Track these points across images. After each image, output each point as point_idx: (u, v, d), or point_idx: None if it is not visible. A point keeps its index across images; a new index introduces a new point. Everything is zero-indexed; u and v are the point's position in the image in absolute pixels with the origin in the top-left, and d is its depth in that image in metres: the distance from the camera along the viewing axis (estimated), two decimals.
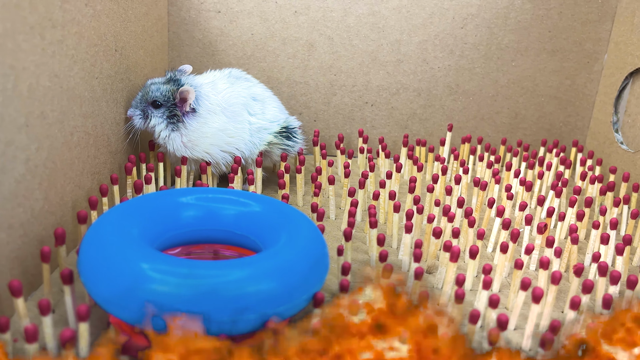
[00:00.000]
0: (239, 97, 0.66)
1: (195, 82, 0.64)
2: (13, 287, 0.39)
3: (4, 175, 0.40)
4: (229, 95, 0.65)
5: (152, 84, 0.63)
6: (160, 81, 0.63)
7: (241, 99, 0.66)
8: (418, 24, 0.80)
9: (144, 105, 0.62)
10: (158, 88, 0.62)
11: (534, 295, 0.42)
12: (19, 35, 0.40)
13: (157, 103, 0.62)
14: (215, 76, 0.67)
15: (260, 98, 0.69)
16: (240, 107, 0.66)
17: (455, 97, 0.84)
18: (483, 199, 0.65)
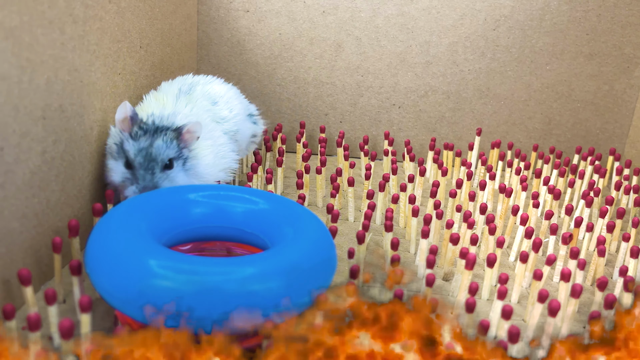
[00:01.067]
0: (204, 113, 0.59)
1: (169, 120, 0.53)
2: (22, 276, 0.39)
3: (19, 166, 0.41)
4: (197, 115, 0.57)
5: (149, 154, 0.50)
6: (141, 141, 0.50)
7: (205, 113, 0.59)
8: (448, 25, 0.78)
9: (155, 183, 0.50)
10: (160, 146, 0.50)
11: (550, 308, 0.40)
12: (36, 29, 0.41)
13: (168, 165, 0.51)
14: (166, 101, 0.58)
15: (218, 98, 0.62)
16: (210, 121, 0.59)
17: (485, 100, 0.82)
18: (507, 206, 0.62)
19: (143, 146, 0.50)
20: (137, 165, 0.50)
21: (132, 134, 0.51)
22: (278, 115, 0.84)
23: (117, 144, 0.51)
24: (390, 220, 0.54)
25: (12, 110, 0.39)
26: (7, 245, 0.41)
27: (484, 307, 0.49)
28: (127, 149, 0.50)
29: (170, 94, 0.59)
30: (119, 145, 0.51)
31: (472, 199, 0.62)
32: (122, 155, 0.51)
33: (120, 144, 0.51)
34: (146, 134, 0.51)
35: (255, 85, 0.82)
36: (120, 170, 0.51)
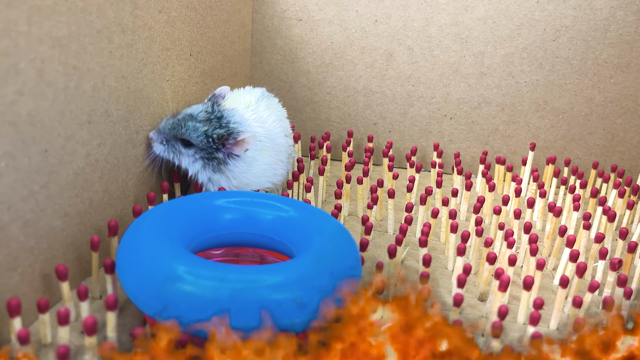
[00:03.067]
0: (280, 123, 0.61)
1: (240, 118, 0.56)
2: (59, 272, 0.42)
3: (62, 167, 0.43)
4: (274, 126, 0.60)
5: (188, 120, 0.54)
6: (198, 116, 0.54)
7: (280, 124, 0.61)
8: (504, 35, 0.76)
9: (170, 137, 0.54)
10: (195, 128, 0.53)
11: None
12: (84, 38, 0.43)
13: (188, 142, 0.54)
14: (251, 101, 0.60)
15: (283, 114, 0.65)
16: (281, 134, 0.61)
17: (542, 114, 0.78)
18: (555, 226, 0.59)
19: (191, 113, 0.55)
20: (173, 116, 0.55)
21: (204, 104, 0.56)
22: (327, 123, 0.84)
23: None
24: (425, 235, 0.53)
25: (58, 114, 0.42)
26: (49, 242, 0.43)
27: (519, 331, 0.47)
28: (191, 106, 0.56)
29: (254, 95, 0.62)
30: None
31: (518, 217, 0.59)
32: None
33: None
34: (208, 115, 0.55)
35: (305, 93, 0.83)
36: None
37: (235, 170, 0.55)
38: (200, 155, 0.54)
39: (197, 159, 0.54)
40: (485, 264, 0.50)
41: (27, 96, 0.38)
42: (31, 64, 0.38)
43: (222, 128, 0.54)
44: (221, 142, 0.54)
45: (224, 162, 0.54)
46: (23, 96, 0.38)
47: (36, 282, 0.42)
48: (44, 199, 0.42)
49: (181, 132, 0.53)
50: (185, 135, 0.53)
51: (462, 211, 0.68)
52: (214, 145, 0.54)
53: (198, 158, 0.54)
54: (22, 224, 0.40)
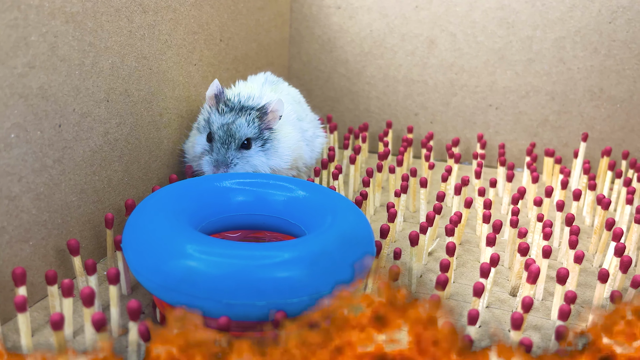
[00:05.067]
0: (290, 106, 0.59)
1: (256, 96, 0.55)
2: (71, 246, 0.42)
3: (78, 143, 0.44)
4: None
5: (231, 126, 0.51)
6: (228, 118, 0.52)
7: (290, 107, 0.59)
8: (555, 18, 0.71)
9: (232, 156, 0.52)
10: (241, 125, 0.52)
11: None
12: (101, 15, 0.44)
13: (247, 143, 0.52)
14: (253, 88, 0.58)
15: (300, 100, 0.63)
16: (293, 115, 0.59)
17: (597, 103, 0.73)
18: (603, 219, 0.54)
19: (225, 122, 0.52)
20: (217, 138, 0.52)
21: (218, 109, 0.53)
22: (366, 114, 0.82)
23: (205, 119, 0.54)
24: (453, 224, 0.49)
25: (73, 90, 0.42)
26: (63, 217, 0.43)
27: (552, 329, 0.43)
28: (212, 122, 0.52)
29: (257, 82, 0.61)
30: (206, 120, 0.53)
31: (560, 208, 0.55)
32: (207, 129, 0.53)
33: (207, 119, 0.53)
34: (232, 111, 0.53)
35: (344, 83, 0.81)
36: (202, 142, 0.53)
37: (276, 145, 0.54)
38: (259, 146, 0.53)
39: (258, 151, 0.53)
40: (517, 255, 0.46)
41: (39, 69, 0.39)
42: (43, 38, 0.39)
43: (253, 109, 0.53)
44: (261, 121, 0.53)
45: (269, 139, 0.54)
46: (34, 69, 0.38)
47: (50, 256, 0.43)
48: (58, 174, 0.42)
49: (238, 138, 0.52)
50: (242, 136, 0.52)
51: (503, 204, 0.64)
52: (260, 127, 0.53)
53: (259, 150, 0.53)
54: (34, 196, 0.40)
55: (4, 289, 0.39)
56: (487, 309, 0.46)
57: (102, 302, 0.43)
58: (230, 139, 0.51)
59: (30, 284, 0.41)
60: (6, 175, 0.38)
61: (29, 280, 0.41)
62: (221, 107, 0.53)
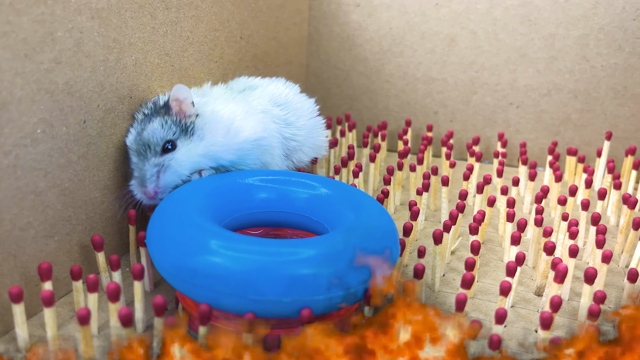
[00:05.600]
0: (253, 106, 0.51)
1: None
2: (95, 242, 0.42)
3: (102, 139, 0.44)
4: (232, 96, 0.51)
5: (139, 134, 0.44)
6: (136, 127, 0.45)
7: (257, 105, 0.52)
8: (578, 15, 0.70)
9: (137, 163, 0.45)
10: (155, 130, 0.44)
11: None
12: (125, 11, 0.44)
13: (172, 143, 0.45)
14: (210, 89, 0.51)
15: (286, 103, 0.55)
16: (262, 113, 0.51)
17: (621, 101, 0.71)
18: (630, 219, 0.53)
19: (137, 131, 0.45)
20: (132, 152, 0.45)
21: (136, 120, 0.46)
22: (385, 112, 0.81)
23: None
24: (477, 222, 0.49)
25: (97, 86, 0.42)
26: (87, 213, 0.44)
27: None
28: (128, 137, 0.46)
29: (218, 87, 0.53)
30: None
31: (586, 207, 0.54)
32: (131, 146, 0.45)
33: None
34: (145, 117, 0.45)
35: (363, 81, 0.81)
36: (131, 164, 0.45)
37: (207, 126, 0.46)
38: (188, 139, 0.45)
39: (187, 144, 0.45)
40: (543, 254, 0.46)
41: (64, 65, 0.39)
42: (69, 33, 0.39)
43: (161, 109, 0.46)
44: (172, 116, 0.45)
45: (193, 125, 0.45)
46: (60, 65, 0.38)
47: (74, 252, 0.43)
48: (83, 170, 0.42)
49: (154, 144, 0.44)
50: (159, 141, 0.44)
51: (525, 203, 0.63)
52: (176, 123, 0.45)
53: (187, 143, 0.45)
54: (59, 192, 0.40)
55: (29, 284, 0.39)
56: (512, 308, 0.45)
57: (125, 297, 0.43)
58: (146, 149, 0.44)
59: (54, 280, 0.41)
60: (33, 171, 0.38)
61: (54, 276, 0.41)
62: (139, 116, 0.46)
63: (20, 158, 0.37)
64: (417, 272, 0.41)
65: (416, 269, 0.41)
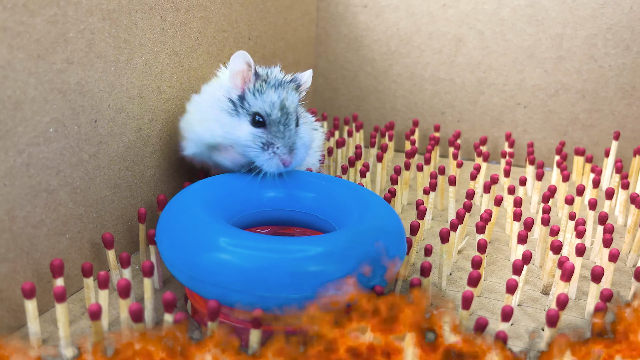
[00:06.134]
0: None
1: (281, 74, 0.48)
2: (105, 239, 0.42)
3: (112, 139, 0.44)
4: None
5: (281, 102, 0.44)
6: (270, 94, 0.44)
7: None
8: (586, 15, 0.70)
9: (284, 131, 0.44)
10: (294, 100, 0.45)
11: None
12: (135, 13, 0.44)
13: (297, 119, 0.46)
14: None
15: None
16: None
17: (630, 101, 0.71)
18: (637, 218, 0.53)
19: (277, 99, 0.44)
20: (275, 121, 0.44)
21: (257, 88, 0.45)
22: (392, 112, 0.81)
23: (236, 99, 0.45)
24: (484, 221, 0.49)
25: (108, 86, 0.43)
26: (98, 211, 0.44)
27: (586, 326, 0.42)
28: (256, 101, 0.44)
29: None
30: (239, 99, 0.45)
31: (593, 207, 0.54)
32: (244, 110, 0.44)
33: (242, 98, 0.45)
34: (272, 87, 0.45)
35: (370, 82, 0.81)
36: (246, 130, 0.44)
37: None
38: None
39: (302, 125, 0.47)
40: (550, 253, 0.46)
41: (76, 65, 0.39)
42: (81, 34, 0.39)
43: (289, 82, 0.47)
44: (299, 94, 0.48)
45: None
46: (72, 65, 0.39)
47: (85, 249, 0.43)
48: (94, 169, 0.43)
49: (294, 114, 0.45)
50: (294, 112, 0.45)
51: (532, 203, 0.63)
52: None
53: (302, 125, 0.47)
54: (70, 190, 0.41)
55: (41, 281, 0.40)
56: (518, 307, 0.45)
57: (135, 295, 0.43)
58: (289, 118, 0.44)
59: (66, 277, 0.42)
60: (45, 169, 0.39)
61: (65, 273, 0.42)
62: (259, 85, 0.45)
63: (33, 156, 0.38)
64: (424, 270, 0.41)
65: (423, 267, 0.41)
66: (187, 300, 0.43)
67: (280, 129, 0.44)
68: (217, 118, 0.45)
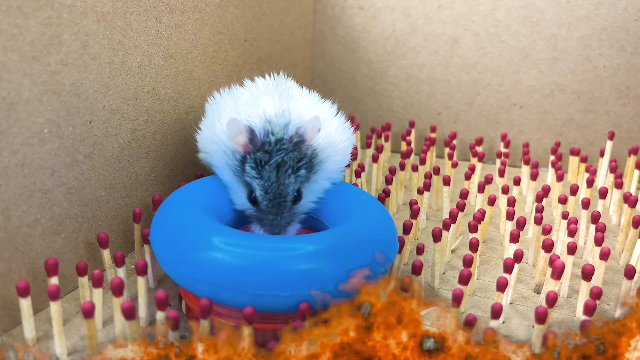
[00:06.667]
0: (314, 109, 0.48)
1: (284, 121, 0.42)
2: (100, 239, 0.43)
3: (107, 139, 0.45)
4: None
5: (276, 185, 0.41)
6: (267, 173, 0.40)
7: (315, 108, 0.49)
8: (580, 16, 0.70)
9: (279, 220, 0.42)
10: (289, 182, 0.41)
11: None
12: (130, 15, 0.45)
13: (299, 192, 0.43)
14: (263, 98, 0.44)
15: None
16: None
17: (624, 101, 0.72)
18: (630, 217, 0.54)
19: (272, 185, 0.40)
20: (265, 210, 0.41)
21: (256, 159, 0.40)
22: (389, 113, 0.82)
23: (237, 165, 0.41)
24: (476, 221, 0.49)
25: (103, 87, 0.43)
26: (93, 211, 0.45)
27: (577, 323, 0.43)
28: (250, 178, 0.41)
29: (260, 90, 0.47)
30: (239, 166, 0.41)
31: (586, 206, 0.54)
32: (243, 181, 0.41)
33: (241, 166, 0.41)
34: (272, 164, 0.40)
35: (367, 83, 0.81)
36: (242, 201, 0.43)
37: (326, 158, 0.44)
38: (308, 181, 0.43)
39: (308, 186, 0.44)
40: (541, 251, 0.46)
41: (71, 67, 0.40)
42: (75, 36, 0.40)
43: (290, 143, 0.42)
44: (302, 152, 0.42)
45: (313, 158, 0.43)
46: (66, 66, 0.40)
47: (80, 249, 0.44)
48: (89, 169, 0.43)
49: (290, 196, 0.41)
50: (292, 192, 0.42)
51: (527, 203, 0.64)
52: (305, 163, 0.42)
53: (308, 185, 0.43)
54: (65, 190, 0.42)
55: (36, 280, 0.40)
56: (510, 305, 0.45)
57: (130, 294, 0.44)
58: (281, 200, 0.41)
59: (61, 276, 0.42)
60: (40, 169, 0.39)
61: (60, 272, 0.42)
62: (259, 157, 0.40)
63: (28, 157, 0.38)
64: (415, 268, 0.42)
65: (414, 266, 0.42)
66: (181, 299, 0.43)
67: (270, 217, 0.41)
68: (224, 165, 0.43)
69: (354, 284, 0.35)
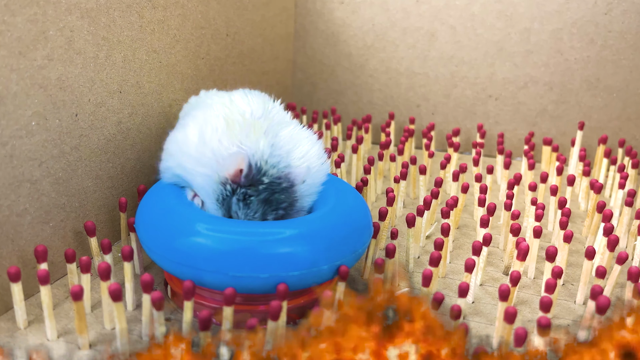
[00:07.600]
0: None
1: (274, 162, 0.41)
2: (87, 227, 0.45)
3: (93, 132, 0.46)
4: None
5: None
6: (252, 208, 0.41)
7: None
8: (552, 10, 0.73)
9: None
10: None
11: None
12: (113, 11, 0.46)
13: None
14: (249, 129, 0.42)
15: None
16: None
17: (594, 92, 0.74)
18: (595, 203, 0.56)
19: (255, 212, 0.40)
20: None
21: (245, 193, 0.40)
22: (369, 106, 0.84)
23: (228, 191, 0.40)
24: (449, 207, 0.52)
25: (88, 82, 0.45)
26: (80, 201, 0.46)
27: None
28: (235, 213, 0.41)
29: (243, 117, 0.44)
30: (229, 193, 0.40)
31: (554, 193, 0.57)
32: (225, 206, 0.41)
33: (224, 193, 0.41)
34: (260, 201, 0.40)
35: (347, 76, 0.83)
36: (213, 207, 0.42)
37: None
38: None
39: None
40: (510, 235, 0.49)
41: (56, 62, 0.42)
42: (60, 32, 0.41)
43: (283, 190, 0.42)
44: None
45: None
46: (52, 61, 0.41)
47: (68, 237, 0.46)
48: (75, 160, 0.45)
49: None
50: None
51: (501, 191, 0.66)
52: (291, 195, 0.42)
53: None
54: (53, 181, 0.43)
55: (26, 267, 0.42)
56: (480, 286, 0.48)
57: (117, 280, 0.46)
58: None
59: (50, 263, 0.44)
60: (28, 161, 0.41)
61: (49, 260, 0.44)
62: (248, 192, 0.40)
63: (16, 149, 0.40)
64: (388, 251, 0.44)
65: (387, 249, 0.44)
66: (166, 284, 0.45)
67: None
68: (207, 189, 0.41)
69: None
